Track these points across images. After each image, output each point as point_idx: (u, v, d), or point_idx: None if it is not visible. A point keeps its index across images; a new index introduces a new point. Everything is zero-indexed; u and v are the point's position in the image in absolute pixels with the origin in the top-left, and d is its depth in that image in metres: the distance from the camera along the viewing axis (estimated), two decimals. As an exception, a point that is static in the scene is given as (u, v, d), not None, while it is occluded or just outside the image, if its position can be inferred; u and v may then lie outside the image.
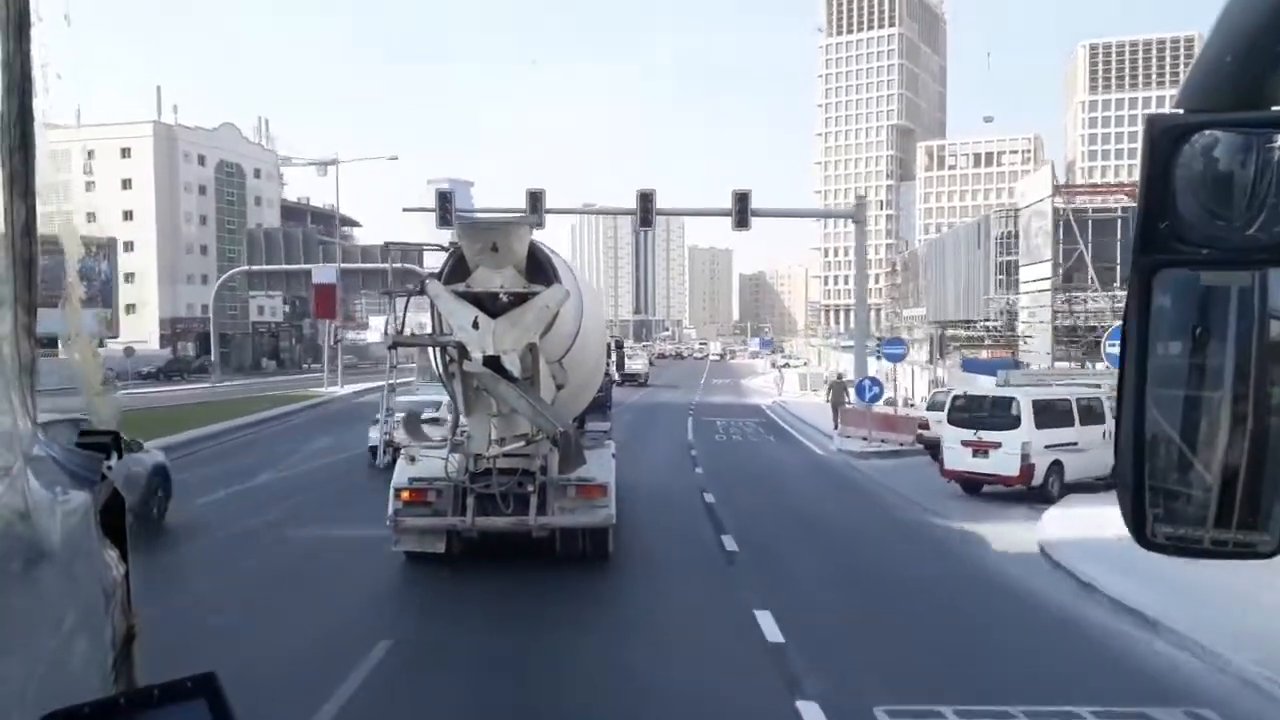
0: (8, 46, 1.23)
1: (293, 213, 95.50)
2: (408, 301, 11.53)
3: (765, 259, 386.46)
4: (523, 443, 10.59)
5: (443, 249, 11.57)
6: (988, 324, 62.73)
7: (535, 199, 28.06)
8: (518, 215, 13.25)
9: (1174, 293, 1.14)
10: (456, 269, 10.21)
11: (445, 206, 28.47)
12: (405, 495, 10.94)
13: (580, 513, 11.06)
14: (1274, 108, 1.08)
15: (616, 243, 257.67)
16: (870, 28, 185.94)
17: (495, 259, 9.92)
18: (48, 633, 1.24)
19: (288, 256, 53.91)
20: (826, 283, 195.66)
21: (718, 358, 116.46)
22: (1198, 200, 1.09)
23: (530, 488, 10.84)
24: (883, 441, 25.66)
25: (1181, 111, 1.10)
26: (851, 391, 29.04)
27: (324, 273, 48.91)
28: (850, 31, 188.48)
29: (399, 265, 56.82)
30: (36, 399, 1.34)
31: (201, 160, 77.99)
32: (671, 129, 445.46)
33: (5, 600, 1.13)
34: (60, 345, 1.57)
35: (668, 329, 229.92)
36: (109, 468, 1.57)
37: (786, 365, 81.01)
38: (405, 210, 43.57)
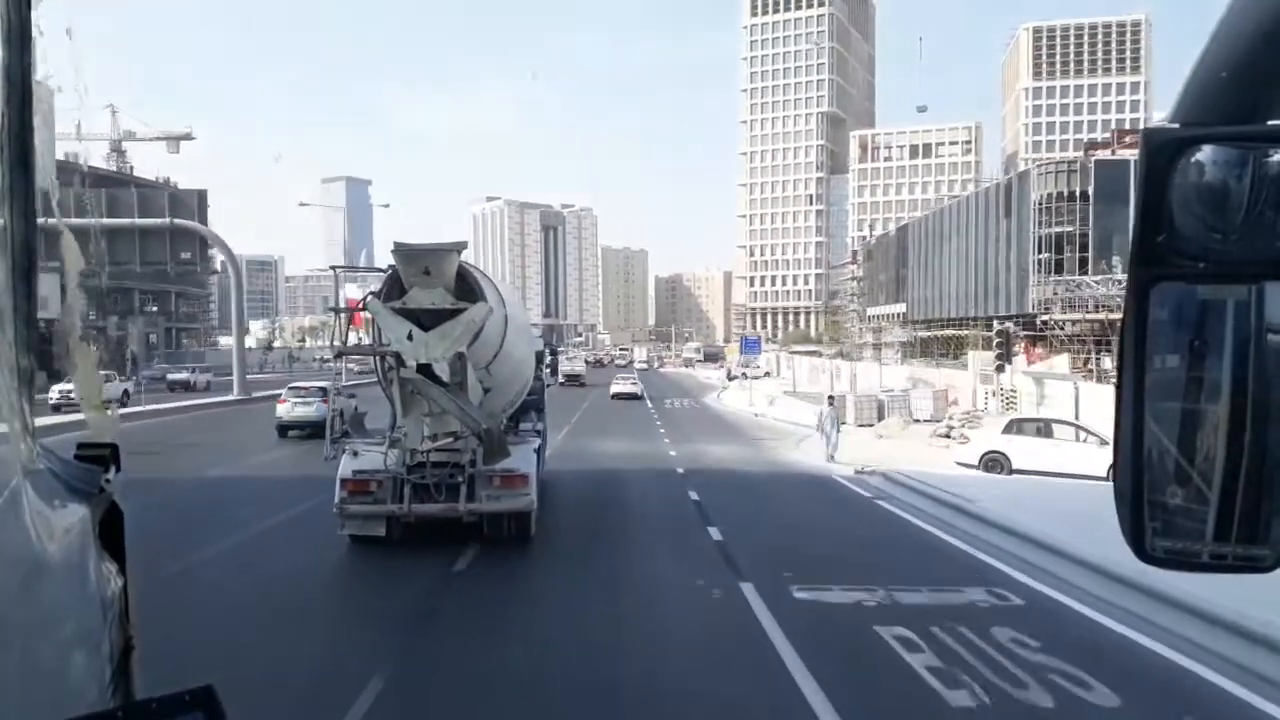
0: (9, 60, 1.21)
1: (110, 183, 74.08)
2: (350, 317, 12.82)
3: (682, 260, 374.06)
4: (452, 439, 11.83)
5: (381, 271, 12.52)
6: (1049, 320, 45.63)
7: None
8: (449, 242, 11.65)
9: (1171, 306, 1.13)
10: (394, 288, 11.38)
11: None
12: (350, 486, 11.97)
13: (505, 499, 12.20)
14: (1270, 122, 1.07)
15: (523, 239, 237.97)
16: (799, 7, 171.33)
17: (428, 280, 11.18)
18: (46, 646, 1.23)
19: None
20: (753, 284, 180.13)
21: (644, 366, 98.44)
22: (1194, 214, 1.08)
23: (460, 478, 12.04)
24: None
25: (1177, 125, 1.10)
26: None
27: None
28: (777, 11, 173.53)
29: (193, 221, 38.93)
30: (34, 411, 1.34)
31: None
32: (587, 127, 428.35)
33: (3, 613, 1.12)
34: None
35: (581, 334, 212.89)
36: (108, 480, 1.57)
37: (744, 376, 63.51)
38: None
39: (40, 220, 1.34)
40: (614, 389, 48.91)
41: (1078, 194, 45.83)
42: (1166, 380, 1.13)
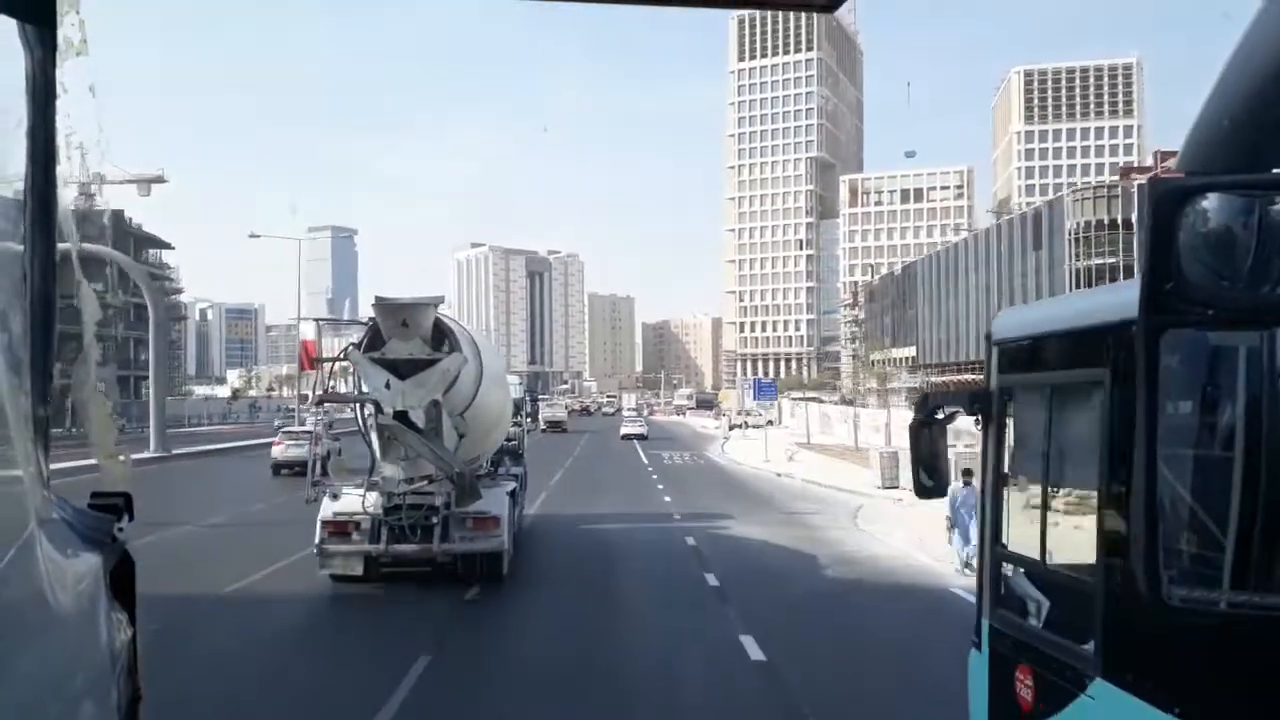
0: (33, 117, 1.25)
1: None
2: (333, 367, 13.62)
3: (669, 307, 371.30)
4: (427, 482, 12.23)
5: (363, 324, 13.10)
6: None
7: None
8: (425, 297, 12.43)
9: (1182, 353, 1.10)
10: (374, 340, 12.04)
11: None
12: (330, 527, 12.34)
13: (477, 541, 12.50)
14: (1274, 170, 1.09)
15: (508, 285, 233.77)
16: (787, 52, 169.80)
17: (405, 332, 11.83)
18: (56, 695, 1.26)
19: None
20: (743, 329, 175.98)
21: (634, 413, 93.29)
22: (1201, 261, 1.08)
23: (434, 520, 12.29)
24: None
25: (1182, 174, 1.10)
26: None
27: None
28: (765, 55, 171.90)
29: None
30: (49, 462, 1.36)
31: None
32: (574, 175, 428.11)
33: (14, 664, 1.13)
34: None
35: (566, 381, 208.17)
36: (120, 529, 1.60)
37: (745, 425, 58.63)
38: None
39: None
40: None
41: (1120, 222, 41.53)
42: (1179, 427, 1.07)
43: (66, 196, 1.31)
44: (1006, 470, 3.75)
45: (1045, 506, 3.01)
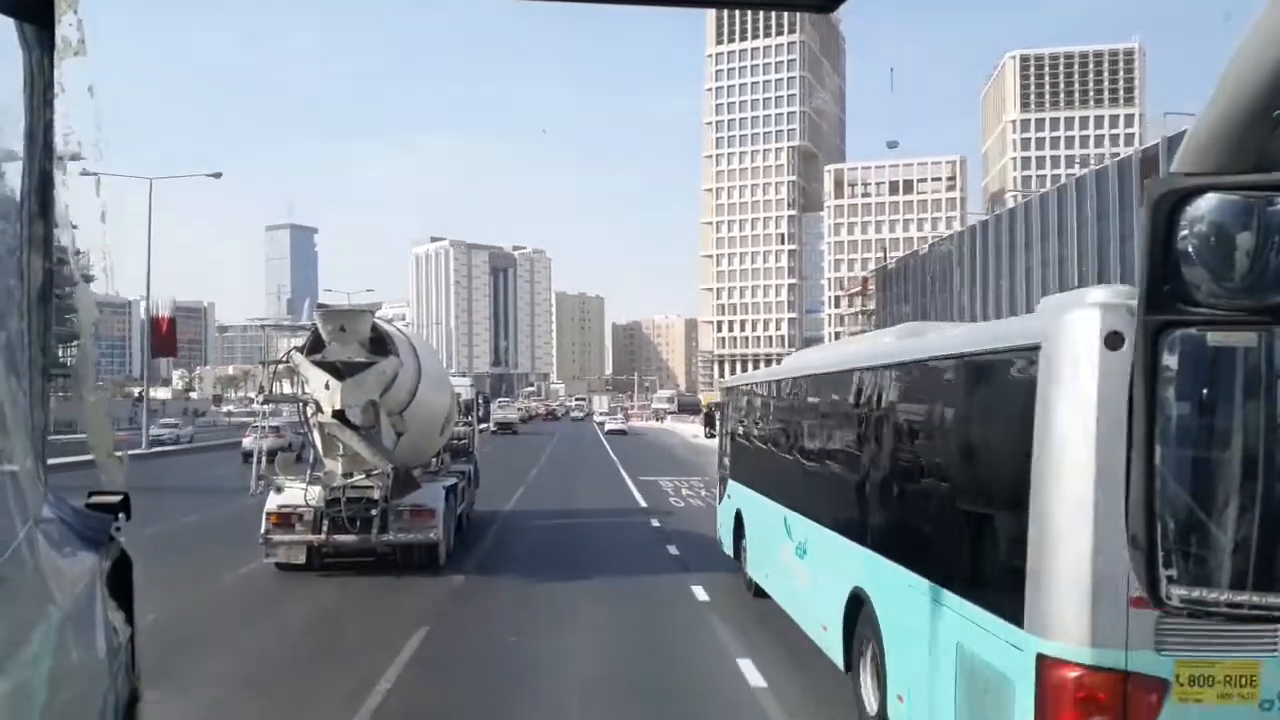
0: (32, 116, 1.27)
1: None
2: (276, 369, 14.86)
3: (640, 308, 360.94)
4: (365, 476, 13.04)
5: (304, 329, 15.29)
6: None
7: None
8: (363, 305, 15.05)
9: (1181, 354, 1.15)
10: (315, 344, 12.87)
11: None
12: (274, 519, 13.18)
13: (414, 531, 13.42)
14: (1275, 170, 1.11)
15: (470, 282, 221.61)
16: (768, 35, 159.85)
17: (344, 337, 12.67)
18: (53, 696, 1.26)
19: None
20: (720, 329, 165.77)
21: (608, 416, 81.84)
22: (1201, 262, 1.11)
23: (374, 512, 13.11)
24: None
25: (1181, 174, 1.13)
26: None
27: None
28: (744, 39, 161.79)
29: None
30: (47, 461, 1.37)
31: None
32: (540, 175, 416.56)
33: (11, 663, 1.15)
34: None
35: (533, 383, 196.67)
36: (118, 529, 1.62)
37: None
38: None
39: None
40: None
41: (1272, 164, 31.47)
42: (1179, 427, 1.15)
43: (64, 196, 1.29)
44: (725, 431, 14.14)
45: (723, 440, 14.30)
